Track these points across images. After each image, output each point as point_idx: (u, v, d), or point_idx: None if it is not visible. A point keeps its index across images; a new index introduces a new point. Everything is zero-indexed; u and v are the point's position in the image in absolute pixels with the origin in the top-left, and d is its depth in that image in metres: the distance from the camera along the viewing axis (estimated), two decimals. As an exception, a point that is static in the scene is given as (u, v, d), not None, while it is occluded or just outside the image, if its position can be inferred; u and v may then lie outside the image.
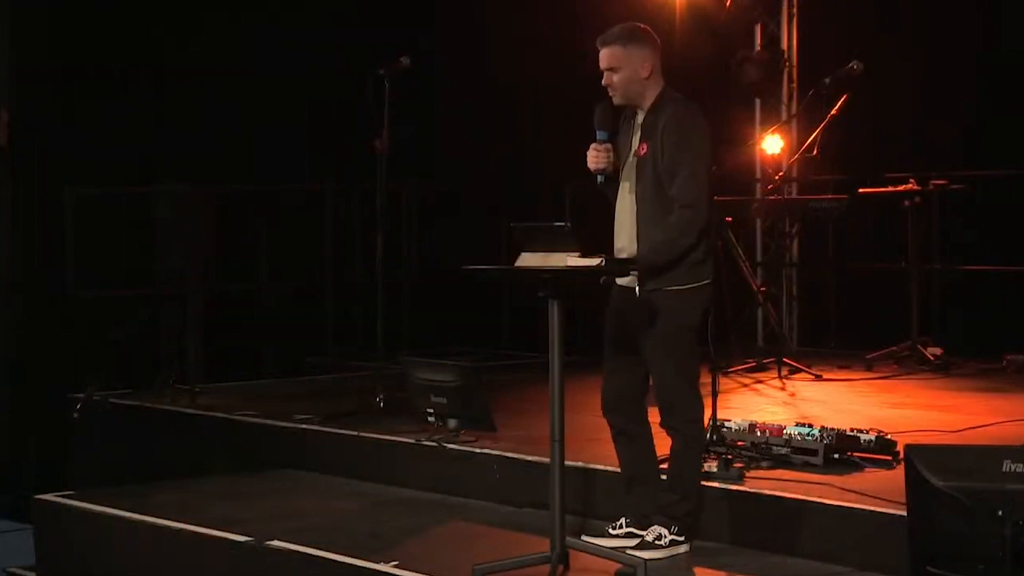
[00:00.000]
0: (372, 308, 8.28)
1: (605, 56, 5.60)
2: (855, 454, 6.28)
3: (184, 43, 10.78)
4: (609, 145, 5.62)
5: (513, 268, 5.49)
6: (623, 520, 5.78)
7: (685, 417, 5.64)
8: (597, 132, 5.60)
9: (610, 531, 5.74)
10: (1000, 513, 4.33)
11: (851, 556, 5.49)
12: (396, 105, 8.06)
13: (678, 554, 5.63)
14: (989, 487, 4.39)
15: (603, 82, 5.62)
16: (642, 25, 5.70)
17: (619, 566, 5.43)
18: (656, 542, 5.61)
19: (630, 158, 5.65)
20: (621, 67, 5.57)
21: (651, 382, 5.70)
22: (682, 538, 5.64)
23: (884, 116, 10.47)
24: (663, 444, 5.85)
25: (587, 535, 5.70)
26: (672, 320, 5.55)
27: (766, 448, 6.26)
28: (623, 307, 5.67)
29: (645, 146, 5.57)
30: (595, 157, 5.61)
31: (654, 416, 5.74)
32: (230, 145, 10.65)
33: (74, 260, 9.96)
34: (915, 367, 9.31)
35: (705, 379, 6.00)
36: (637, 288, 5.57)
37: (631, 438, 5.80)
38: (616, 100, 5.63)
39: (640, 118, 5.64)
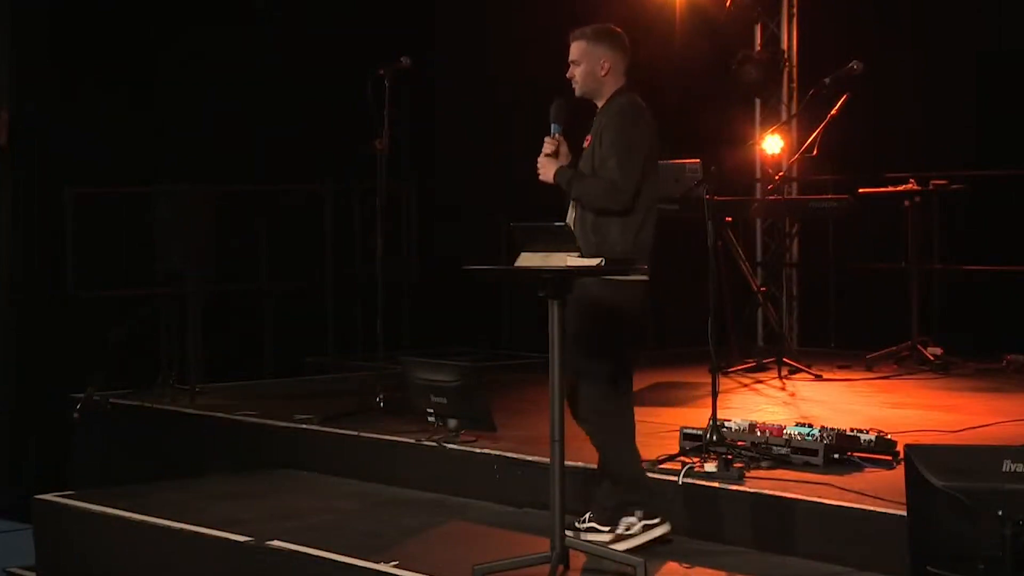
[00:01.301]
0: (372, 308, 8.28)
1: (572, 49, 5.81)
2: (855, 454, 6.28)
3: (184, 43, 10.78)
4: (560, 139, 5.75)
5: (513, 268, 5.51)
6: (588, 515, 5.82)
7: (595, 408, 5.66)
8: (552, 125, 5.76)
9: (576, 524, 5.78)
10: (1000, 513, 4.33)
11: (851, 556, 5.49)
12: (396, 105, 8.07)
13: (657, 536, 5.65)
14: (989, 487, 4.38)
15: (567, 74, 5.81)
16: (615, 28, 5.88)
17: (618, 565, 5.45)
18: (628, 532, 5.65)
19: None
20: (582, 61, 5.78)
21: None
22: (655, 520, 5.67)
23: (884, 116, 10.48)
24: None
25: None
26: (594, 309, 5.57)
27: (766, 448, 6.26)
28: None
29: (589, 139, 5.75)
30: (545, 149, 5.76)
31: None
32: (230, 145, 10.66)
33: (74, 260, 9.97)
34: (915, 367, 9.31)
35: (705, 379, 6.00)
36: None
37: None
38: (576, 92, 5.83)
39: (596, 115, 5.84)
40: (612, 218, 5.60)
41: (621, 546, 5.52)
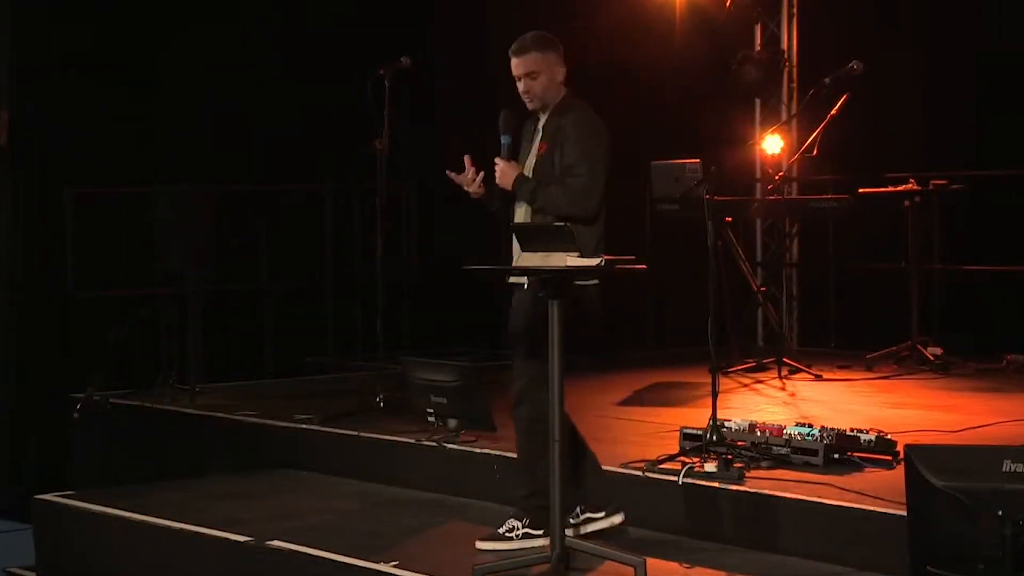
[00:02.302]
0: (372, 308, 8.28)
1: (523, 63, 5.76)
2: (855, 454, 6.28)
3: (184, 43, 10.77)
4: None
5: (513, 268, 5.51)
6: (579, 508, 5.83)
7: (533, 406, 5.70)
8: (502, 137, 5.77)
9: (571, 520, 5.78)
10: (1000, 513, 4.33)
11: (851, 556, 5.49)
12: (396, 105, 8.07)
13: (532, 547, 5.65)
14: (989, 487, 4.38)
15: (520, 89, 5.77)
16: (548, 33, 5.85)
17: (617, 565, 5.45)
18: (507, 534, 5.71)
19: (530, 158, 5.81)
20: (541, 72, 5.74)
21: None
22: (539, 531, 5.67)
23: (884, 116, 10.48)
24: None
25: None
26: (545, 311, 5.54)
27: (766, 448, 6.26)
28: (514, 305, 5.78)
29: (545, 145, 5.74)
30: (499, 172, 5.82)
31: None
32: (230, 145, 10.65)
33: (74, 260, 9.97)
34: (915, 367, 9.32)
35: (705, 379, 5.99)
36: (525, 281, 5.65)
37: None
38: (532, 105, 5.80)
39: (542, 121, 5.80)
40: (578, 226, 5.53)
41: (488, 545, 5.68)
